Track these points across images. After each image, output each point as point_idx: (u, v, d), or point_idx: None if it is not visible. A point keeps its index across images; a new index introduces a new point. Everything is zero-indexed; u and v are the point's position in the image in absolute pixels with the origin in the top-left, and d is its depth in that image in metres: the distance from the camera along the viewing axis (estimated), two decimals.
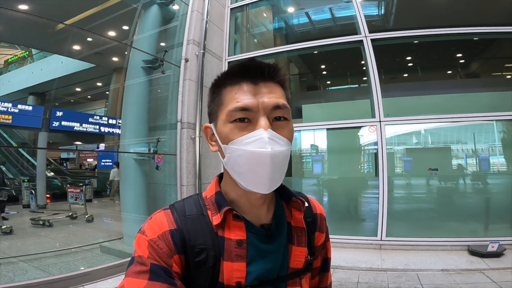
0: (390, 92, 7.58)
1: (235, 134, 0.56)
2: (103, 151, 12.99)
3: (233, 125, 0.57)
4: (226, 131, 0.57)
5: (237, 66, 0.59)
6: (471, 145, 5.66)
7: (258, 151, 0.54)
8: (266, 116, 0.56)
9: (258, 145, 0.54)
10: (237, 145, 0.56)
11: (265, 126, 0.55)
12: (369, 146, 5.62)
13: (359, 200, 5.60)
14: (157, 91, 5.20)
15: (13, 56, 15.31)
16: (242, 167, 0.56)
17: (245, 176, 0.56)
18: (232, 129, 0.57)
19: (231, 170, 0.58)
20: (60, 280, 3.14)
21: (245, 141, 0.55)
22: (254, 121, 0.56)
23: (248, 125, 0.56)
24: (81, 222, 6.41)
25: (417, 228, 4.73)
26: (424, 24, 5.21)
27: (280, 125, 0.58)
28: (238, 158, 0.56)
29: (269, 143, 0.54)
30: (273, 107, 0.57)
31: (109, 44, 7.13)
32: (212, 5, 5.51)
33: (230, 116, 0.57)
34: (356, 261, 3.97)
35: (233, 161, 0.57)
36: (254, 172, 0.55)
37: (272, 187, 0.56)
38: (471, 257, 3.91)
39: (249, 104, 0.56)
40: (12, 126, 10.98)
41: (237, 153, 0.56)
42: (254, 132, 0.55)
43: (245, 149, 0.55)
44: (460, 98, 6.24)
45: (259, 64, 0.59)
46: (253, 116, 0.56)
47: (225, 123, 0.58)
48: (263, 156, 0.54)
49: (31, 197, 6.94)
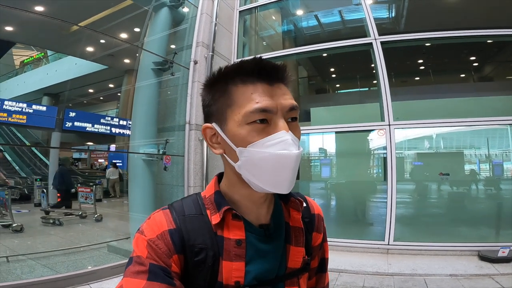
0: (401, 95, 7.48)
1: (254, 136, 0.54)
2: (113, 151, 13.18)
3: (251, 127, 0.55)
4: (243, 133, 0.55)
5: (249, 64, 0.57)
6: (484, 150, 5.53)
7: (284, 153, 0.53)
8: (283, 118, 0.56)
9: (282, 147, 0.53)
10: (257, 148, 0.54)
11: (285, 127, 0.55)
12: (378, 150, 5.55)
13: (367, 204, 5.54)
14: (166, 92, 5.26)
15: (29, 57, 15.72)
16: (264, 170, 0.54)
17: (267, 178, 0.55)
18: (250, 132, 0.55)
19: (246, 173, 0.56)
20: (66, 278, 3.18)
21: (268, 143, 0.54)
22: (271, 122, 0.55)
23: (266, 126, 0.55)
24: (90, 221, 6.51)
25: (426, 233, 4.65)
26: (435, 27, 5.14)
27: (294, 126, 0.58)
28: (260, 161, 0.54)
29: (293, 145, 0.54)
30: (289, 108, 0.57)
31: (121, 46, 7.27)
32: (221, 7, 5.55)
33: (248, 118, 0.54)
34: (362, 265, 3.92)
35: (252, 164, 0.55)
36: (276, 174, 0.54)
37: (290, 187, 0.56)
38: (481, 262, 3.84)
39: (269, 105, 0.55)
40: (26, 126, 11.26)
41: (259, 156, 0.54)
42: (277, 134, 0.54)
43: (269, 152, 0.53)
44: (473, 102, 6.11)
45: (274, 65, 0.58)
46: (271, 118, 0.55)
47: (241, 124, 0.55)
48: (289, 158, 0.53)
49: (42, 196, 7.08)
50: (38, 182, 8.16)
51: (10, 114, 10.00)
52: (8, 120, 10.20)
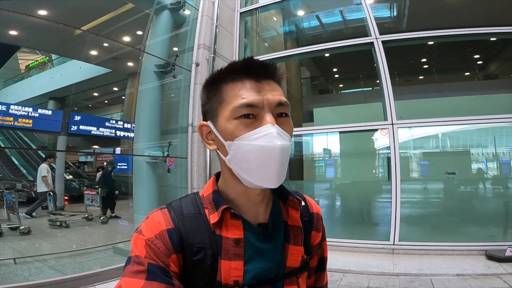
0: (405, 94, 7.46)
1: (241, 130, 0.56)
2: (118, 154, 13.27)
3: (239, 121, 0.57)
4: (231, 128, 0.57)
5: (239, 63, 0.59)
6: (491, 148, 5.47)
7: (269, 145, 0.54)
8: (271, 113, 0.57)
9: (267, 139, 0.54)
10: (244, 141, 0.56)
11: (272, 121, 0.56)
12: (382, 149, 5.52)
13: (371, 204, 5.50)
14: (169, 95, 5.29)
15: (34, 61, 15.86)
16: (250, 163, 0.56)
17: (254, 172, 0.56)
18: (237, 126, 0.56)
19: (236, 167, 0.58)
20: (72, 279, 3.21)
21: (253, 136, 0.55)
22: (259, 117, 0.57)
23: (253, 121, 0.57)
24: (97, 223, 6.55)
25: (432, 233, 4.61)
26: (438, 25, 5.11)
27: (283, 121, 0.59)
28: (246, 153, 0.55)
29: (278, 138, 0.54)
30: (277, 103, 0.58)
31: (124, 49, 7.32)
32: (222, 9, 5.57)
33: (235, 113, 0.57)
34: (367, 265, 3.89)
35: (240, 157, 0.57)
36: (263, 167, 0.55)
37: (279, 181, 0.57)
38: (488, 261, 3.79)
39: (254, 100, 0.56)
40: (32, 129, 11.38)
41: (245, 148, 0.56)
42: (262, 127, 0.55)
43: (254, 144, 0.55)
44: (478, 100, 6.06)
45: (262, 63, 0.59)
46: (258, 113, 0.57)
47: (229, 119, 0.57)
48: (274, 150, 0.54)
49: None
50: None
51: (16, 118, 10.12)
52: (14, 124, 10.33)
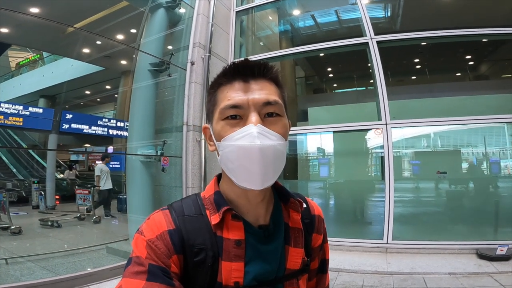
0: (398, 94, 7.53)
1: (226, 130, 0.57)
2: (111, 153, 13.13)
3: (225, 122, 0.58)
4: (218, 129, 0.59)
5: (230, 66, 0.61)
6: (481, 148, 5.56)
7: (247, 145, 0.54)
8: (257, 112, 0.57)
9: (247, 139, 0.54)
10: (228, 141, 0.57)
11: (255, 121, 0.56)
12: (375, 149, 5.57)
13: (365, 203, 5.55)
14: (163, 94, 5.25)
15: (24, 59, 15.60)
16: (233, 163, 0.56)
17: (237, 172, 0.56)
18: (223, 126, 0.58)
19: (224, 167, 0.59)
20: (65, 280, 3.17)
21: (236, 136, 0.56)
22: (245, 117, 0.57)
23: (239, 122, 0.57)
24: (89, 223, 6.48)
25: (424, 232, 4.66)
26: (431, 26, 5.17)
27: (272, 121, 0.59)
28: (229, 154, 0.56)
29: (258, 138, 0.54)
30: (263, 103, 0.58)
31: (118, 47, 7.24)
32: (218, 8, 5.55)
33: (222, 114, 0.58)
34: (362, 264, 3.93)
35: (225, 158, 0.58)
36: (245, 168, 0.55)
37: (264, 183, 0.56)
38: (480, 260, 3.85)
39: (238, 101, 0.57)
40: (23, 128, 11.18)
41: (228, 149, 0.56)
42: (244, 128, 0.56)
43: (235, 144, 0.55)
44: (469, 100, 6.15)
45: (249, 63, 0.60)
46: (244, 113, 0.57)
47: (218, 121, 0.59)
48: (253, 150, 0.54)
49: (40, 198, 7.05)
50: (36, 184, 8.11)
51: (6, 117, 9.93)
52: (4, 123, 10.13)
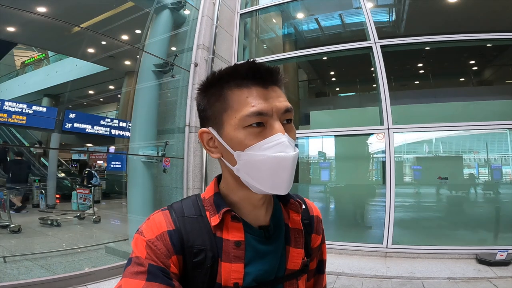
0: (401, 99, 7.51)
1: (251, 139, 0.55)
2: (112, 153, 13.18)
3: (248, 130, 0.55)
4: (240, 137, 0.55)
5: (243, 67, 0.57)
6: (483, 154, 5.54)
7: (282, 156, 0.54)
8: (279, 120, 0.57)
9: (279, 149, 0.54)
10: (255, 151, 0.55)
11: (282, 129, 0.56)
12: (377, 153, 5.56)
13: (365, 208, 5.53)
14: (166, 95, 5.27)
15: (30, 58, 15.73)
16: (262, 172, 0.55)
17: (265, 180, 0.55)
18: (247, 135, 0.55)
19: (245, 176, 0.57)
20: (63, 279, 3.17)
21: (265, 146, 0.54)
22: (267, 125, 0.56)
23: (262, 130, 0.56)
24: (89, 222, 6.48)
25: (424, 236, 4.65)
26: (436, 30, 5.15)
27: (289, 127, 0.59)
28: (258, 163, 0.55)
29: (289, 147, 0.54)
30: (284, 110, 0.57)
31: (122, 47, 7.28)
32: (222, 10, 5.57)
33: (244, 121, 0.55)
34: (361, 268, 3.92)
35: (251, 167, 0.56)
36: (275, 176, 0.55)
37: (289, 188, 0.57)
38: (479, 265, 3.84)
39: (264, 108, 0.55)
40: (26, 126, 11.24)
41: (256, 158, 0.55)
42: (273, 137, 0.55)
43: (267, 154, 0.54)
44: (472, 106, 6.13)
45: (268, 68, 0.58)
46: (267, 120, 0.56)
47: (237, 128, 0.56)
48: (287, 160, 0.54)
49: (41, 196, 7.06)
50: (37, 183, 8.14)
51: (10, 115, 9.99)
52: (8, 121, 10.19)
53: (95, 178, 9.16)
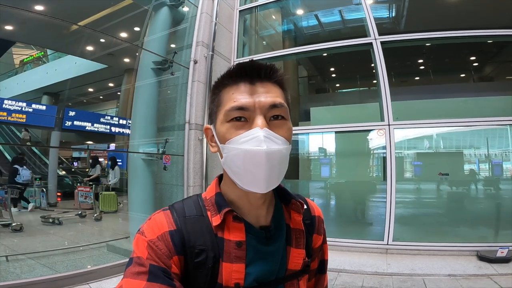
0: (401, 95, 7.48)
1: (231, 133, 0.57)
2: (113, 150, 13.18)
3: (230, 124, 0.57)
4: (223, 131, 0.58)
5: (236, 67, 0.60)
6: (484, 150, 5.54)
7: (254, 150, 0.53)
8: (263, 115, 0.57)
9: (253, 143, 0.54)
10: (233, 144, 0.56)
11: (261, 125, 0.55)
12: (378, 149, 5.56)
13: (366, 204, 5.54)
14: (166, 92, 5.25)
15: (28, 56, 15.68)
16: (238, 167, 0.56)
17: (242, 176, 0.56)
18: (228, 129, 0.57)
19: (228, 170, 0.58)
20: (65, 277, 3.18)
21: (241, 140, 0.55)
22: (250, 120, 0.57)
23: (244, 124, 0.57)
24: (90, 220, 6.50)
25: (425, 233, 4.66)
26: (436, 26, 5.14)
27: (277, 124, 0.58)
28: (234, 157, 0.56)
29: (264, 142, 0.54)
30: (269, 106, 0.57)
31: (121, 45, 7.26)
32: (221, 7, 5.54)
33: (227, 116, 0.57)
34: (362, 265, 3.93)
35: (230, 161, 0.57)
36: (250, 172, 0.55)
37: (269, 187, 0.56)
38: (480, 262, 3.85)
39: (245, 103, 0.56)
40: (26, 125, 11.23)
41: (233, 152, 0.56)
42: (250, 131, 0.55)
43: (241, 148, 0.55)
44: (473, 102, 6.12)
45: (256, 65, 0.59)
46: (249, 116, 0.57)
47: (222, 122, 0.58)
48: (259, 155, 0.53)
49: (42, 195, 7.08)
50: (38, 181, 8.16)
51: (10, 113, 9.98)
52: (7, 119, 10.18)
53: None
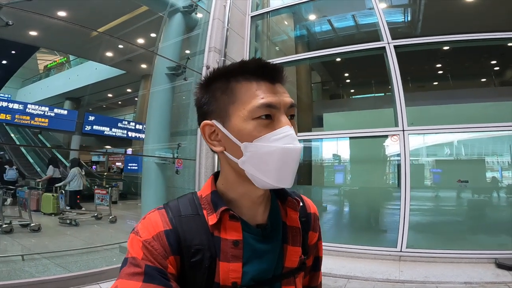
0: (418, 100, 7.32)
1: (260, 131, 0.56)
2: (130, 154, 13.49)
3: (257, 122, 0.56)
4: (249, 128, 0.56)
5: (251, 63, 0.59)
6: (507, 157, 5.32)
7: (290, 147, 0.55)
8: (285, 114, 0.58)
9: (287, 141, 0.55)
10: (263, 142, 0.55)
11: (288, 123, 0.57)
12: (392, 156, 5.44)
13: (380, 211, 5.42)
14: (179, 97, 5.34)
15: (52, 61, 16.31)
16: (269, 164, 0.55)
17: (272, 173, 0.55)
18: (256, 126, 0.56)
19: (251, 169, 0.57)
20: (76, 277, 3.24)
21: (273, 137, 0.55)
22: (274, 118, 0.57)
23: (270, 122, 0.57)
24: (105, 222, 6.64)
25: (440, 240, 4.51)
26: (453, 30, 4.99)
27: (292, 123, 0.60)
28: (265, 155, 0.55)
29: (296, 139, 0.56)
30: (289, 105, 0.59)
31: (138, 51, 7.46)
32: (233, 13, 5.61)
33: (253, 113, 0.56)
34: (373, 272, 3.82)
35: (258, 158, 0.56)
36: (282, 168, 0.55)
37: (292, 182, 0.57)
38: (498, 270, 3.68)
39: (273, 101, 0.57)
40: (48, 128, 11.69)
41: (264, 150, 0.55)
42: (282, 129, 0.56)
43: (276, 146, 0.55)
44: (494, 107, 5.90)
45: (274, 65, 0.60)
46: (274, 114, 0.57)
47: (246, 120, 0.56)
48: (295, 152, 0.55)
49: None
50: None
51: (33, 117, 10.43)
52: (30, 123, 10.63)
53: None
